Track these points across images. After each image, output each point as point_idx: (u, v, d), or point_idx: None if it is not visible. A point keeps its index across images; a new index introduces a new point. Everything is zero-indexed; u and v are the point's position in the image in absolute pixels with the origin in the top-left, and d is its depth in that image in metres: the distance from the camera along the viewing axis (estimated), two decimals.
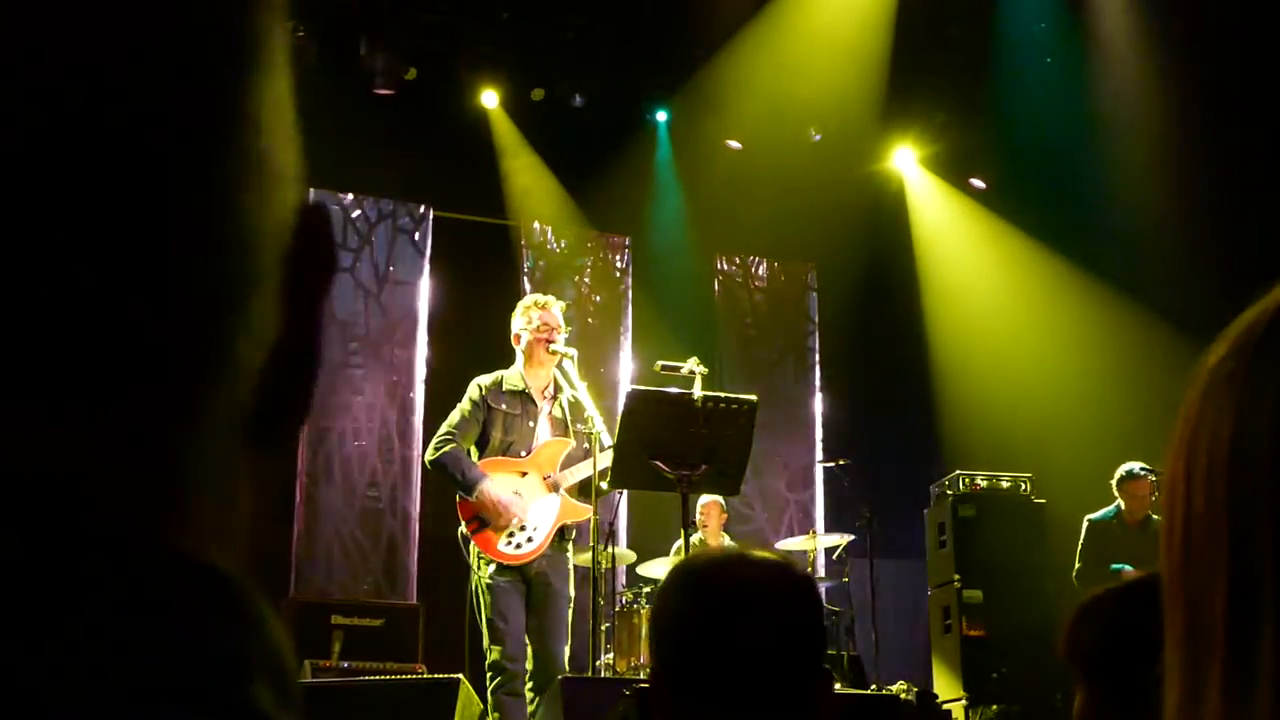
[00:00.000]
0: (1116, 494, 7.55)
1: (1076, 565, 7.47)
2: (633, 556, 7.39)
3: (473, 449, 5.39)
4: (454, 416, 5.41)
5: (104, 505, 0.41)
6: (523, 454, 5.38)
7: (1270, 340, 0.59)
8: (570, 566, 5.46)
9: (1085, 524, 7.53)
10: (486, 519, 5.25)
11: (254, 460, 0.48)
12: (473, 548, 5.28)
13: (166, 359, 0.43)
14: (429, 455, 5.39)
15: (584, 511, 5.33)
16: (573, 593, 5.44)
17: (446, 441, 5.33)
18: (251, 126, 0.45)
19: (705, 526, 7.90)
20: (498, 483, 5.27)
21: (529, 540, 5.27)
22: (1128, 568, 7.24)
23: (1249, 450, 0.57)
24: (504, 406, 5.39)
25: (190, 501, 0.44)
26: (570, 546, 5.49)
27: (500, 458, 5.36)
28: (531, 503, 5.30)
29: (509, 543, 5.25)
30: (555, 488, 5.35)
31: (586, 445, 5.31)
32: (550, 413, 5.46)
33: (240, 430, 0.46)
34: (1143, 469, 7.46)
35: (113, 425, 0.42)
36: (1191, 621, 0.59)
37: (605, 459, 5.11)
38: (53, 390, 0.41)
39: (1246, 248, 7.83)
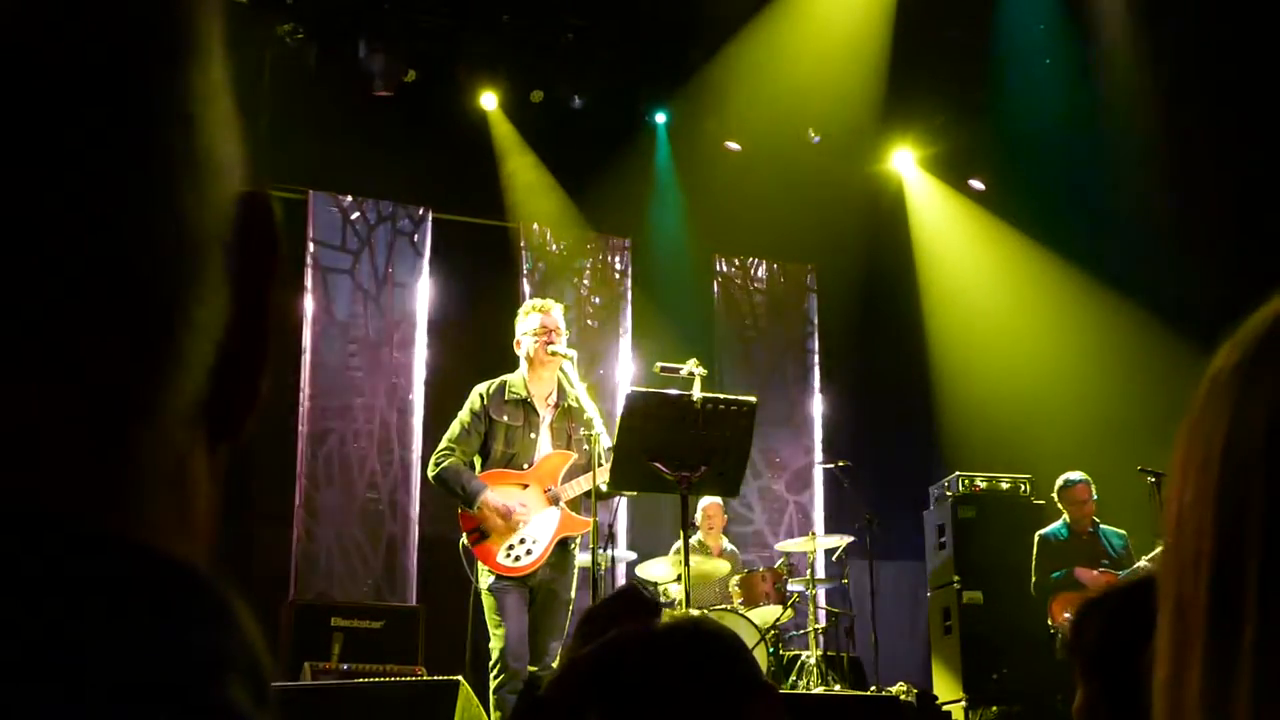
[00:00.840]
0: (1060, 506, 7.55)
1: (1033, 578, 7.51)
2: (632, 557, 7.38)
3: (476, 460, 5.39)
4: (454, 428, 5.41)
5: (65, 502, 0.41)
6: (525, 466, 5.38)
7: (1272, 341, 0.60)
8: (575, 570, 5.47)
9: (1036, 539, 7.56)
10: (487, 531, 5.25)
11: (210, 452, 0.47)
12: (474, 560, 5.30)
13: (114, 354, 0.42)
14: (430, 471, 5.41)
15: (584, 524, 5.33)
16: (574, 595, 5.44)
17: (446, 455, 5.33)
18: (185, 118, 0.44)
19: (710, 529, 7.90)
20: (499, 493, 5.28)
21: (528, 553, 5.27)
22: (1063, 574, 7.29)
23: (1242, 443, 0.59)
24: (505, 418, 5.37)
25: (147, 495, 0.43)
26: (575, 551, 5.49)
27: (502, 470, 5.36)
28: (531, 516, 5.30)
29: (508, 555, 5.25)
30: (555, 501, 5.34)
31: (587, 446, 5.30)
32: (551, 422, 5.45)
33: (193, 422, 0.46)
34: (1079, 477, 7.48)
35: (65, 420, 0.41)
36: (1179, 604, 0.61)
37: (605, 473, 5.09)
38: (2, 388, 0.40)
39: (1248, 249, 7.83)
